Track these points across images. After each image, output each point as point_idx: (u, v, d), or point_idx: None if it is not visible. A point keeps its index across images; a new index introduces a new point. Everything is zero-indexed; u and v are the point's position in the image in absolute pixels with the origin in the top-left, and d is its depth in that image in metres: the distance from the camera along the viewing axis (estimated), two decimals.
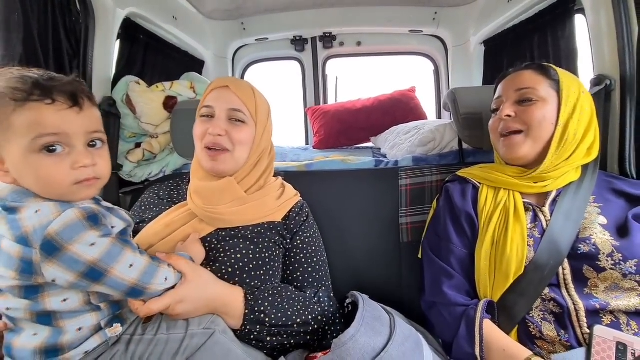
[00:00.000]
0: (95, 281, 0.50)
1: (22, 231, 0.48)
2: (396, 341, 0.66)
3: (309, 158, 1.47)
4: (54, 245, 0.47)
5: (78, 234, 0.49)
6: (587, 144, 0.76)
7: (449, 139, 1.21)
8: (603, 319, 0.64)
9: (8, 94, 0.48)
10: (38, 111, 0.49)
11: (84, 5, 0.99)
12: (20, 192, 0.51)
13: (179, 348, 0.58)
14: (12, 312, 0.52)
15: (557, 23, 1.18)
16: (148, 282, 0.55)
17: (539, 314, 0.69)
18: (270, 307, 0.69)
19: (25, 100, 0.49)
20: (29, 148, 0.49)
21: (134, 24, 1.24)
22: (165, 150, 1.24)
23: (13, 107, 0.48)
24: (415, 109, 1.87)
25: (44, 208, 0.50)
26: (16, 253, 0.48)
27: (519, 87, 0.78)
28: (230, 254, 0.72)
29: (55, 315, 0.52)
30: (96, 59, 1.04)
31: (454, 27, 1.83)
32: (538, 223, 0.74)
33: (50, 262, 0.48)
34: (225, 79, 0.82)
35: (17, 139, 0.49)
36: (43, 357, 0.51)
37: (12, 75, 0.50)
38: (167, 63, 1.49)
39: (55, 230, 0.48)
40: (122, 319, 0.58)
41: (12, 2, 0.81)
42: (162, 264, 0.59)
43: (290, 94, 2.19)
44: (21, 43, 0.83)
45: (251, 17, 1.84)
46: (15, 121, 0.48)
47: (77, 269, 0.49)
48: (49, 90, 0.50)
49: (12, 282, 0.49)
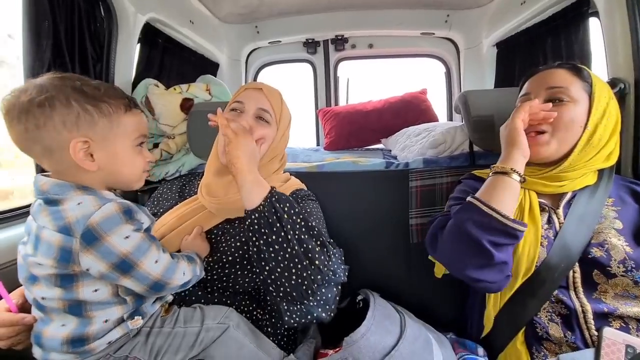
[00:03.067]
0: (125, 273, 0.54)
1: (65, 221, 0.52)
2: (406, 340, 0.67)
3: (320, 159, 1.48)
4: (94, 234, 0.52)
5: (116, 225, 0.54)
6: (608, 150, 0.74)
7: (459, 141, 1.22)
8: (612, 324, 0.64)
9: (121, 100, 0.60)
10: (138, 116, 0.64)
11: (107, 11, 1.04)
12: (62, 184, 0.56)
13: (195, 341, 0.62)
14: (46, 302, 0.55)
15: (571, 26, 1.17)
16: (170, 278, 0.59)
17: (546, 315, 0.69)
18: (293, 213, 0.68)
19: (131, 107, 0.62)
20: (131, 143, 0.62)
21: (153, 29, 1.29)
22: (182, 151, 1.28)
23: (124, 110, 0.60)
24: (427, 111, 1.87)
25: (86, 200, 0.54)
26: (57, 242, 0.52)
27: (550, 85, 0.75)
28: (230, 242, 0.77)
29: (85, 306, 0.55)
30: (118, 63, 1.08)
31: (466, 30, 1.83)
32: (552, 224, 0.74)
33: (88, 251, 0.52)
34: (260, 83, 0.88)
35: (124, 135, 0.60)
36: (70, 346, 0.55)
37: (110, 85, 0.64)
38: (184, 66, 1.53)
39: (97, 220, 0.52)
40: (142, 312, 0.61)
41: (43, 10, 0.85)
42: (180, 260, 0.63)
43: (302, 96, 2.22)
44: (50, 49, 0.87)
45: (264, 20, 1.88)
46: (125, 121, 0.60)
47: (110, 260, 0.53)
48: (137, 102, 0.65)
49: (50, 270, 0.53)
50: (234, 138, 0.69)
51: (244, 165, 0.68)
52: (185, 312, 0.66)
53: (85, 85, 0.56)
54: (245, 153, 0.69)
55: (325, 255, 0.69)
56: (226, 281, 0.75)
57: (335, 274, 0.72)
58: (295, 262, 0.64)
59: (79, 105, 0.54)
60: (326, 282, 0.70)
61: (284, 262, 0.64)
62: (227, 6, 1.64)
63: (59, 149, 0.54)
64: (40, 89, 0.53)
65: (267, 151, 0.84)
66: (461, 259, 0.67)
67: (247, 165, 0.68)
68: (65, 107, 0.53)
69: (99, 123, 0.56)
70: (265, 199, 0.66)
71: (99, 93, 0.57)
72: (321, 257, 0.67)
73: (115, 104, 0.58)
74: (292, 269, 0.64)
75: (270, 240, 0.64)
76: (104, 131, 0.57)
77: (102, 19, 1.05)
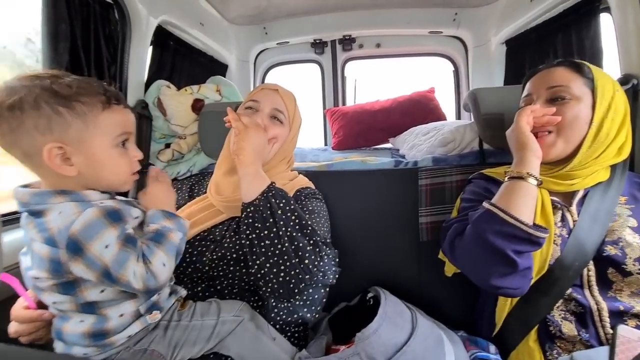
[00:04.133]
0: (114, 283, 0.52)
1: (49, 233, 0.51)
2: (418, 336, 0.67)
3: (328, 158, 1.49)
4: (77, 244, 0.50)
5: (97, 232, 0.51)
6: (618, 143, 0.73)
7: (469, 139, 1.21)
8: (628, 322, 0.63)
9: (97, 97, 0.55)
10: (120, 113, 0.58)
11: (121, 14, 1.07)
12: (40, 193, 0.53)
13: (211, 333, 0.63)
14: (59, 305, 0.56)
15: (582, 22, 1.16)
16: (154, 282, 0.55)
17: (560, 313, 0.69)
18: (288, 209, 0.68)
19: (110, 103, 0.57)
20: (111, 143, 0.57)
21: (164, 31, 1.32)
22: (193, 151, 1.30)
23: (101, 108, 0.55)
24: (435, 110, 1.87)
25: (66, 209, 0.52)
26: (46, 254, 0.51)
27: (551, 84, 0.74)
28: (235, 239, 0.77)
29: (97, 304, 0.56)
30: (131, 65, 1.11)
31: (474, 28, 1.82)
32: (565, 223, 0.73)
33: (76, 261, 0.50)
34: (276, 85, 0.90)
35: (102, 135, 0.55)
36: (91, 340, 0.56)
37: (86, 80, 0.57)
38: (194, 67, 1.56)
39: (77, 229, 0.50)
40: (160, 307, 0.62)
41: (61, 14, 0.88)
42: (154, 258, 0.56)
43: (310, 96, 2.22)
44: (67, 52, 0.90)
45: (272, 21, 1.89)
46: (103, 120, 0.55)
47: (96, 270, 0.51)
48: (119, 96, 0.59)
49: (48, 281, 0.53)
50: (243, 130, 0.70)
51: (248, 158, 0.69)
52: (202, 306, 0.67)
53: (56, 84, 0.52)
54: (251, 146, 0.70)
55: (317, 255, 0.68)
56: (232, 278, 0.76)
57: (324, 275, 0.72)
58: (284, 259, 0.64)
59: (49, 106, 0.51)
60: (314, 282, 0.69)
61: (274, 257, 0.64)
62: (236, 8, 1.66)
63: (36, 153, 0.51)
64: (10, 91, 0.50)
65: (278, 151, 0.86)
66: (485, 269, 0.65)
67: (251, 157, 0.69)
68: (34, 109, 0.50)
69: (72, 125, 0.52)
70: (262, 193, 0.67)
71: (70, 91, 0.53)
72: (312, 257, 0.67)
73: (90, 102, 0.54)
74: (281, 266, 0.64)
75: (262, 235, 0.65)
76: (78, 133, 0.53)
77: (116, 22, 1.08)
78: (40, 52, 0.89)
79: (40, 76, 0.53)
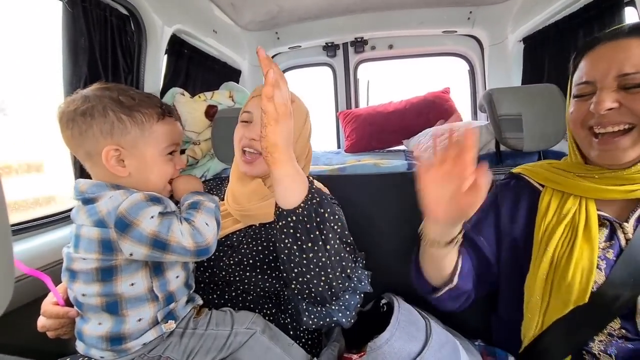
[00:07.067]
0: (164, 250, 0.56)
1: (99, 215, 0.56)
2: (432, 347, 0.65)
3: (341, 162, 1.49)
4: (125, 222, 0.55)
5: (142, 209, 0.57)
6: None
7: (485, 141, 1.18)
8: None
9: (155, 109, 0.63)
10: (172, 125, 0.66)
11: (137, 25, 1.10)
12: (99, 184, 0.60)
13: (224, 344, 0.63)
14: (86, 299, 0.59)
15: (605, 17, 1.11)
16: (201, 240, 0.59)
17: (599, 345, 0.60)
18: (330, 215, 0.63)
19: (164, 116, 0.65)
20: (163, 151, 0.64)
21: (179, 40, 1.35)
22: (207, 156, 1.32)
23: (156, 119, 0.63)
24: (450, 110, 1.83)
25: (116, 195, 0.58)
26: (96, 235, 0.56)
27: (623, 72, 0.55)
28: (252, 246, 0.77)
29: (121, 303, 0.58)
30: (147, 74, 1.14)
31: (490, 26, 1.78)
32: (615, 242, 0.60)
33: (125, 237, 0.55)
34: None
35: (154, 143, 0.63)
36: (109, 344, 0.58)
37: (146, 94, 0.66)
38: (207, 74, 1.59)
39: (125, 207, 0.56)
40: (175, 316, 0.63)
41: (80, 27, 0.91)
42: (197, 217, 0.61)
43: (322, 98, 2.23)
44: (86, 64, 0.93)
45: (284, 26, 1.90)
46: (157, 129, 0.63)
47: (146, 242, 0.55)
48: (172, 110, 0.67)
49: (93, 263, 0.57)
50: (273, 122, 0.55)
51: (283, 155, 0.56)
52: (217, 315, 0.68)
53: (122, 95, 0.61)
54: (284, 139, 0.56)
55: (354, 262, 0.68)
56: (247, 284, 0.76)
57: (360, 282, 0.71)
58: (327, 271, 0.61)
59: (114, 114, 0.59)
60: (351, 288, 0.69)
61: (316, 269, 0.60)
62: (248, 14, 1.68)
63: (97, 154, 0.59)
64: (84, 99, 0.59)
65: None
66: None
67: (287, 154, 0.57)
68: (102, 116, 0.58)
69: (131, 131, 0.60)
70: (305, 200, 0.58)
71: (133, 102, 0.61)
72: (351, 265, 0.66)
73: (148, 113, 0.62)
74: (323, 277, 0.61)
75: (305, 247, 0.59)
76: (134, 139, 0.61)
77: (132, 33, 1.11)
78: None
79: (109, 88, 0.62)
